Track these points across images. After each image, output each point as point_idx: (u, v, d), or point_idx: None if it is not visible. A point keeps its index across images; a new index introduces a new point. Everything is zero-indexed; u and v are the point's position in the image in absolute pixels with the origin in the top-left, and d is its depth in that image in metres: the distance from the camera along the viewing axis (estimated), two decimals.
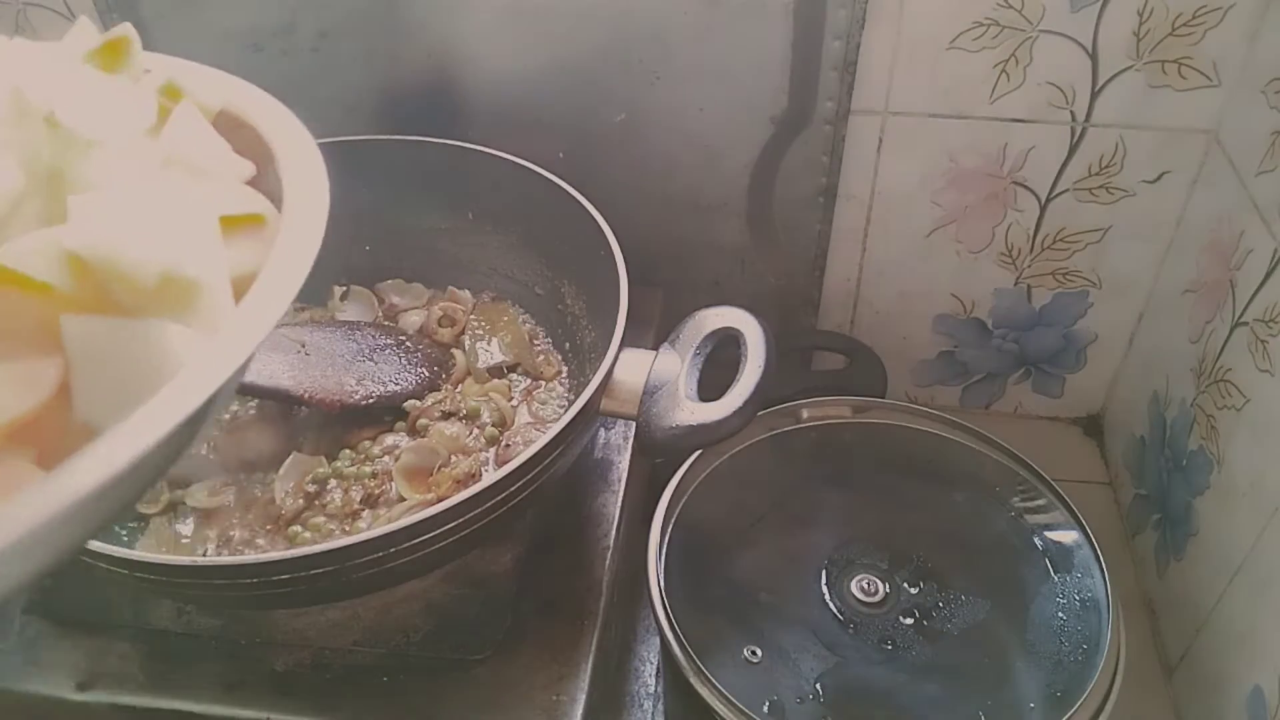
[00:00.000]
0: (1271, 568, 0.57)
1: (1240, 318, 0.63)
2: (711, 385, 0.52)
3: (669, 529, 0.63)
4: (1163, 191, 0.72)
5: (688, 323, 0.54)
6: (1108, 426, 0.86)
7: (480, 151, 0.65)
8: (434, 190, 0.68)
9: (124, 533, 0.54)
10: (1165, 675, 0.69)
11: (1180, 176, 0.71)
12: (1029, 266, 0.78)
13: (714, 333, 0.52)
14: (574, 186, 0.62)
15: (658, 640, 0.70)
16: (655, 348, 0.55)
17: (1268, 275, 0.60)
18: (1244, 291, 0.63)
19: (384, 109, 0.73)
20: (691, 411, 0.48)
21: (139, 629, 0.52)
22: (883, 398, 0.75)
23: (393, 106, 0.73)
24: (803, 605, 0.61)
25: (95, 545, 0.42)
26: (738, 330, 0.52)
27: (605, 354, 0.58)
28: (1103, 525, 0.62)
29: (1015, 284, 0.79)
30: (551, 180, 0.62)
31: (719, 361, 0.54)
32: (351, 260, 0.69)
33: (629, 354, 0.52)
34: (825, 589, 0.62)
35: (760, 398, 0.49)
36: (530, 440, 0.57)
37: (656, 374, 0.51)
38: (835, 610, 0.61)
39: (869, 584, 0.62)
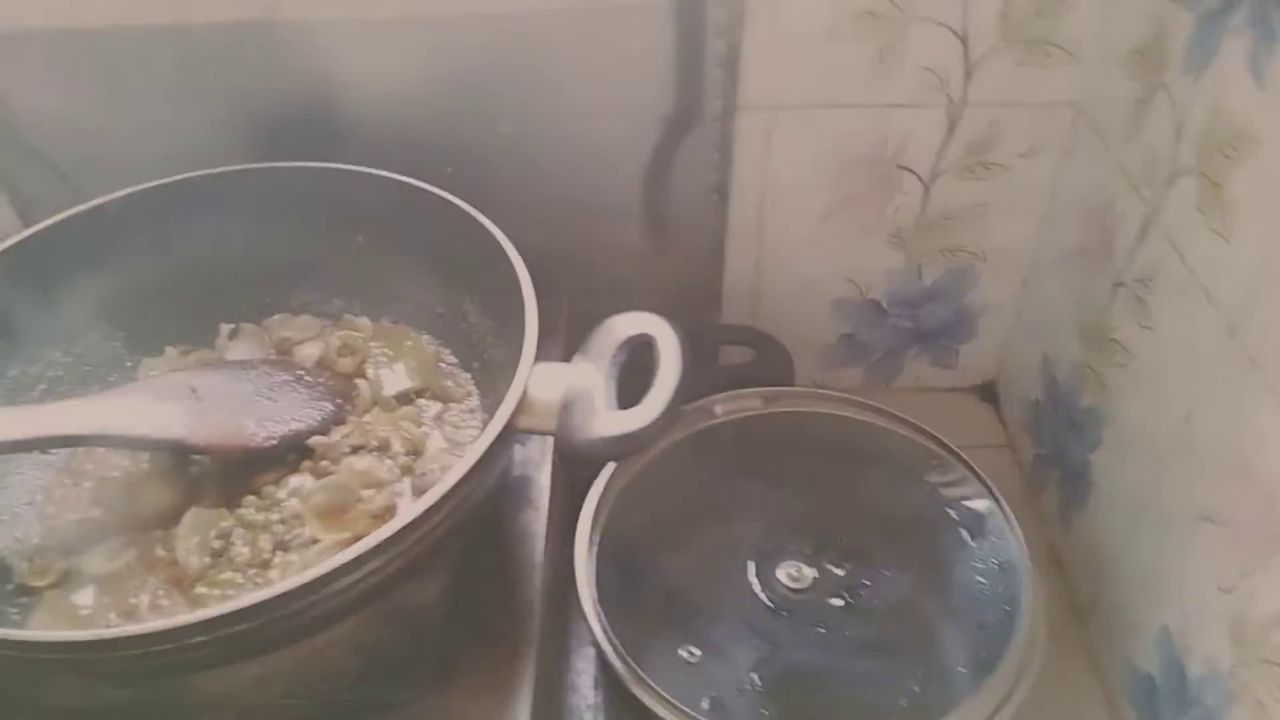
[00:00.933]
0: (1166, 511, 0.61)
1: (1119, 280, 0.66)
2: (626, 391, 0.52)
3: (595, 538, 0.63)
4: (1036, 165, 0.75)
5: (598, 331, 0.53)
6: (1002, 391, 0.90)
7: (364, 173, 0.63)
8: (318, 217, 0.65)
9: (14, 611, 0.50)
10: (1078, 624, 0.72)
11: (1051, 149, 0.74)
12: (918, 245, 0.81)
13: (627, 340, 0.52)
14: (466, 201, 0.61)
15: (592, 650, 0.69)
16: (566, 358, 0.54)
17: (1140, 238, 0.63)
18: (1120, 255, 0.66)
19: (257, 137, 0.70)
20: (611, 421, 0.48)
21: (39, 711, 0.48)
22: (791, 386, 0.76)
23: (266, 134, 0.70)
24: (734, 599, 0.62)
25: None
26: (649, 335, 0.52)
27: (517, 370, 0.57)
28: (1006, 487, 0.65)
29: (906, 264, 0.82)
30: (443, 197, 0.60)
31: (633, 367, 0.53)
32: (236, 297, 0.66)
33: (542, 368, 0.51)
34: (755, 580, 0.63)
35: (679, 401, 0.49)
36: (447, 466, 0.55)
37: (572, 386, 0.50)
38: (766, 600, 0.62)
39: (796, 570, 0.63)
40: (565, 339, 0.71)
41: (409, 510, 0.43)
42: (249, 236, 0.65)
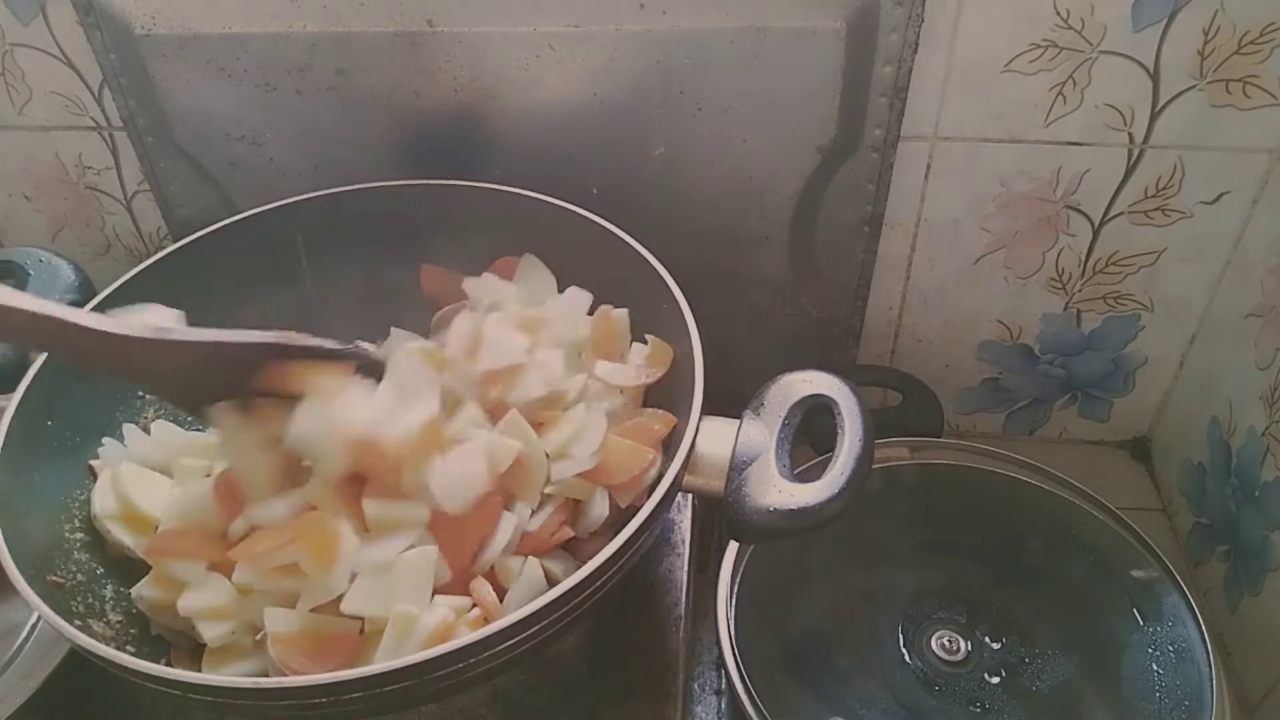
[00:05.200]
0: None
1: None
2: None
3: (735, 592, 0.60)
4: (1220, 213, 0.69)
5: (770, 388, 0.50)
6: (1156, 450, 0.84)
7: (526, 196, 0.61)
8: (464, 234, 0.64)
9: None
10: (1246, 715, 0.67)
11: (1241, 197, 0.68)
12: (1079, 291, 0.75)
13: (802, 400, 0.48)
14: (608, 220, 0.59)
15: (715, 699, 0.66)
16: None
17: None
18: None
19: (406, 149, 0.69)
20: (789, 493, 0.44)
21: None
22: (939, 435, 0.72)
23: (415, 146, 0.68)
24: (882, 666, 0.58)
25: (150, 669, 0.38)
26: (829, 398, 0.48)
27: (667, 413, 0.54)
28: (1163, 554, 0.60)
29: (1065, 309, 0.77)
30: (606, 228, 0.58)
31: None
32: (376, 312, 0.65)
33: (710, 423, 0.48)
34: (904, 649, 0.59)
35: (863, 475, 0.45)
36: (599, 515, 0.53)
37: (743, 446, 0.47)
38: (917, 670, 0.58)
39: (949, 640, 0.59)
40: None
41: (574, 575, 0.41)
42: (393, 251, 0.64)
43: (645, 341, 0.56)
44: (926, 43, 0.63)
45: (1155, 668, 0.56)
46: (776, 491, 0.44)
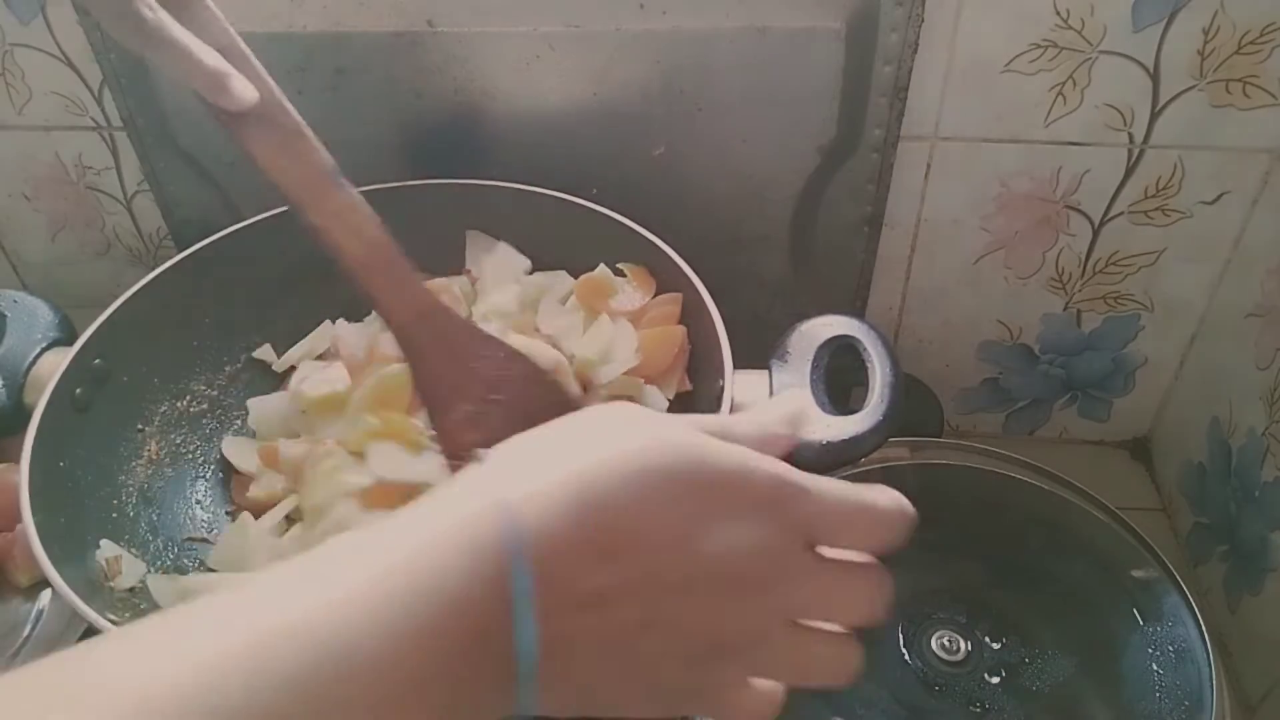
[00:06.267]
0: None
1: None
2: None
3: None
4: (1220, 213, 0.69)
5: (791, 336, 0.52)
6: (1156, 450, 0.84)
7: (535, 192, 0.62)
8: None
9: None
10: (1246, 715, 0.67)
11: (1241, 197, 0.68)
12: (1079, 291, 0.75)
13: (828, 342, 0.50)
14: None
15: None
16: None
17: None
18: None
19: (406, 149, 0.69)
20: (837, 427, 0.46)
21: None
22: (939, 435, 0.72)
23: (415, 146, 0.69)
24: (881, 665, 0.58)
25: None
26: (853, 338, 0.49)
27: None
28: (1163, 554, 0.60)
29: (1065, 309, 0.77)
30: (615, 219, 0.59)
31: None
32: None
33: (743, 375, 0.50)
34: (904, 649, 0.59)
35: (899, 406, 0.46)
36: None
37: (779, 391, 0.48)
38: (917, 670, 0.58)
39: (950, 641, 0.59)
40: None
41: None
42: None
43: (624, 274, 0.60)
44: (926, 43, 0.63)
45: (1155, 668, 0.56)
46: (825, 427, 0.46)
